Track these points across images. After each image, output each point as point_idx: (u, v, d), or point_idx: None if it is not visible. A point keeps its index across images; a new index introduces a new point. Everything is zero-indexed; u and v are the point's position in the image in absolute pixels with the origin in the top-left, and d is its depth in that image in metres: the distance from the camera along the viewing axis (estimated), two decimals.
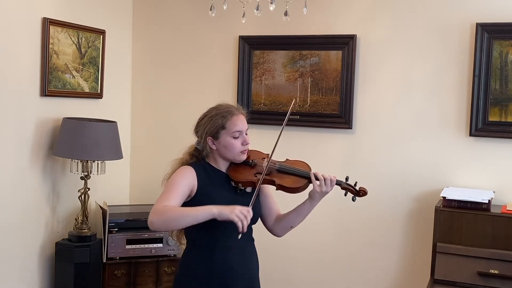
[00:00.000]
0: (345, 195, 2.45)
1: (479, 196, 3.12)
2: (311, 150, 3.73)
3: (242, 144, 2.38)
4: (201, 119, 2.45)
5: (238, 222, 2.12)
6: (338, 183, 2.42)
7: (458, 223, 3.09)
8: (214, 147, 2.40)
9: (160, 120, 4.24)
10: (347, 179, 2.44)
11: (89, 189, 3.62)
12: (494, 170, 3.34)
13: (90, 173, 3.60)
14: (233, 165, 2.43)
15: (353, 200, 2.43)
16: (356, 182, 2.44)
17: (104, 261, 3.63)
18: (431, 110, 3.48)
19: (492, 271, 2.95)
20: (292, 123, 3.78)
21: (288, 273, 3.87)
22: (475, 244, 3.04)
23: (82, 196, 3.61)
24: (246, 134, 2.41)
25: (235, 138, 2.37)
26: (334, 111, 3.69)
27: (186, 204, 2.33)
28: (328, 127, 3.72)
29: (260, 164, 2.41)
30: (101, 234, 3.66)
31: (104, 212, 3.68)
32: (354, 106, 3.65)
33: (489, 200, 3.08)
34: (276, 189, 2.41)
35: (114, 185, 4.15)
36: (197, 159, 2.45)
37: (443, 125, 3.46)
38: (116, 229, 3.69)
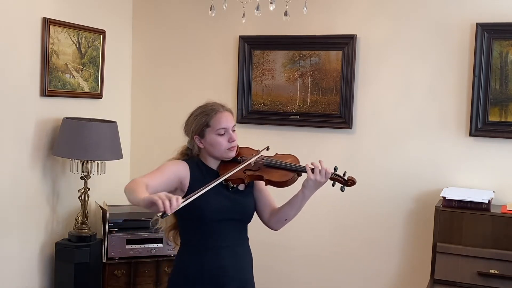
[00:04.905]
0: (333, 185, 2.39)
1: (479, 196, 3.12)
2: (311, 150, 3.73)
3: (229, 141, 2.36)
4: (188, 118, 2.44)
5: (158, 200, 1.89)
6: None
7: (458, 223, 3.09)
8: (201, 146, 2.39)
9: (160, 120, 4.24)
10: (335, 169, 2.39)
11: (89, 189, 3.62)
12: (494, 170, 3.34)
13: (90, 173, 3.61)
14: (223, 162, 2.41)
15: (342, 190, 2.35)
16: (345, 172, 2.38)
17: (104, 261, 3.63)
18: (431, 110, 3.48)
19: (492, 271, 2.95)
20: (292, 123, 3.79)
21: (287, 274, 3.86)
22: (475, 244, 3.04)
23: (82, 196, 3.61)
24: (233, 131, 2.39)
25: (220, 135, 2.35)
26: (334, 111, 3.69)
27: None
28: (328, 127, 3.72)
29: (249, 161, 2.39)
30: (101, 234, 3.66)
31: (104, 212, 3.68)
32: (354, 106, 3.65)
33: (489, 200, 3.08)
34: (265, 184, 2.39)
35: (114, 185, 4.14)
36: (189, 158, 2.44)
37: (443, 125, 3.46)
38: (116, 229, 3.69)
